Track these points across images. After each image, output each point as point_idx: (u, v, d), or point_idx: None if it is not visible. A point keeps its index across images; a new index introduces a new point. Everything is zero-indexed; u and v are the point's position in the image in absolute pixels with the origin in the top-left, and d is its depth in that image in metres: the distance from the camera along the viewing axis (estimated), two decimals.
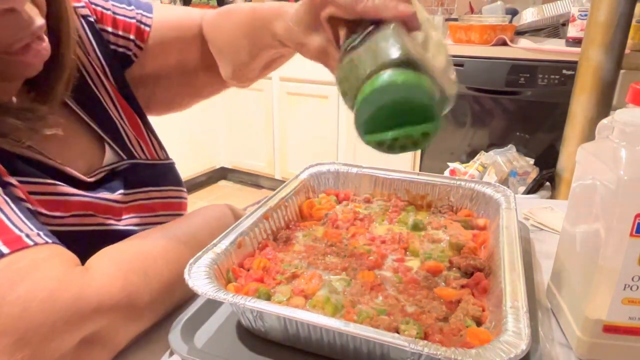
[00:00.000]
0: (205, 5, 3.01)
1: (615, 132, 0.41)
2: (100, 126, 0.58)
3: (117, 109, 0.60)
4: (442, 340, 0.40)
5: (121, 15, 0.61)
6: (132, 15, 0.61)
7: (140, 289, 0.44)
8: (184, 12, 0.66)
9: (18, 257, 0.38)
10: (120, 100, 0.61)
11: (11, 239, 0.39)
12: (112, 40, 0.60)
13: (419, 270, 0.51)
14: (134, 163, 0.60)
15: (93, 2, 0.59)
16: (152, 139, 0.65)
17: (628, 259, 0.39)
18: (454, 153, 2.20)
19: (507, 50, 1.95)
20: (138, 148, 0.62)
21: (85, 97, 0.57)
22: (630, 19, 1.46)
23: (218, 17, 0.62)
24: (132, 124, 0.62)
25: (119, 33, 0.60)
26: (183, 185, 0.68)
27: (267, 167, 2.86)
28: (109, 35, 0.60)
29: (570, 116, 1.62)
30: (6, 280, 0.37)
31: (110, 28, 0.59)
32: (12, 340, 0.35)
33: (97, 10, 0.59)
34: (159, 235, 0.51)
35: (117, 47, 0.60)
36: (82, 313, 0.38)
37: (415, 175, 0.68)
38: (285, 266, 0.51)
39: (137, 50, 0.62)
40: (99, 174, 0.56)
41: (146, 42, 0.62)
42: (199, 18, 0.64)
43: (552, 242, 0.65)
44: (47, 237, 0.42)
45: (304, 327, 0.40)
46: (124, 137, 0.60)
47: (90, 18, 0.58)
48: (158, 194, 0.62)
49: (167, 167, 0.66)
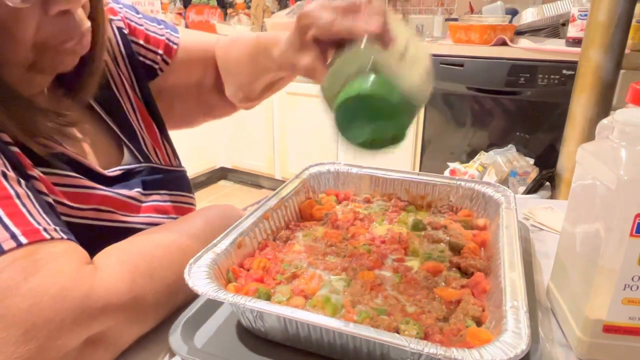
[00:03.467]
0: (206, 6, 3.01)
1: (615, 132, 0.41)
2: (120, 129, 0.61)
3: (136, 115, 0.64)
4: (442, 340, 0.40)
5: (152, 32, 0.66)
6: (162, 33, 0.67)
7: (146, 291, 0.44)
8: (205, 36, 0.74)
9: (35, 249, 0.39)
10: (141, 107, 0.65)
11: (30, 230, 0.40)
12: (142, 52, 0.65)
13: (419, 270, 0.51)
14: (150, 166, 0.63)
15: (128, 17, 0.65)
16: (167, 146, 0.68)
17: (628, 259, 0.39)
18: (454, 153, 2.20)
19: (507, 50, 1.95)
20: (153, 154, 0.65)
21: (108, 101, 0.61)
22: (630, 19, 1.45)
23: (228, 43, 0.70)
24: (149, 131, 0.65)
25: (149, 47, 0.66)
26: (193, 193, 0.70)
27: (267, 167, 2.86)
28: (139, 48, 0.65)
29: (570, 116, 1.62)
30: (22, 271, 0.37)
31: (141, 41, 0.65)
32: (21, 331, 0.36)
33: (130, 25, 0.64)
34: (163, 236, 0.51)
35: (145, 59, 0.66)
36: (89, 312, 0.39)
37: (415, 175, 0.68)
38: (285, 266, 0.51)
39: (163, 65, 0.67)
40: (117, 171, 0.58)
41: (173, 58, 0.68)
42: (215, 43, 0.72)
43: (552, 242, 0.65)
44: (63, 233, 0.43)
45: (304, 327, 0.40)
46: (140, 142, 0.63)
47: (124, 30, 0.63)
48: (170, 197, 0.64)
49: (180, 175, 0.69)
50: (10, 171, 0.42)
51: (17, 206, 0.41)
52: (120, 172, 0.58)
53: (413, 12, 2.78)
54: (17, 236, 0.39)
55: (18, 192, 0.42)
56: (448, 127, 2.19)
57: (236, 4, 3.15)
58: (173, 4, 3.01)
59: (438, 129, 2.22)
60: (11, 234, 0.39)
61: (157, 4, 2.64)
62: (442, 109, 2.18)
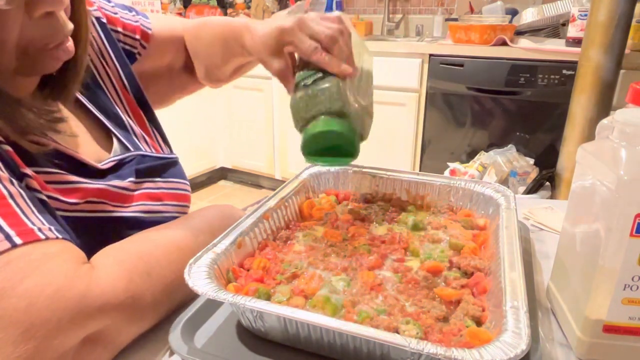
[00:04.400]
0: (205, 5, 3.01)
1: (615, 132, 0.41)
2: (108, 120, 0.61)
3: (123, 105, 0.64)
4: (442, 340, 0.40)
5: (127, 19, 0.68)
6: (135, 20, 0.69)
7: (144, 290, 0.44)
8: (173, 20, 0.77)
9: (30, 250, 0.39)
10: (127, 97, 0.65)
11: (24, 230, 0.40)
12: (122, 39, 0.66)
13: (419, 270, 0.51)
14: (141, 154, 0.62)
15: (103, 7, 0.65)
16: (156, 134, 0.68)
17: (628, 259, 0.39)
18: (454, 153, 2.20)
19: (507, 50, 1.95)
20: (143, 142, 0.65)
21: (94, 93, 0.61)
22: (630, 19, 1.46)
23: (197, 27, 0.73)
24: (137, 120, 0.66)
25: (127, 33, 0.67)
26: (187, 180, 0.70)
27: (267, 167, 2.86)
28: (118, 35, 0.66)
29: (570, 116, 1.62)
30: (18, 271, 0.37)
31: (120, 28, 0.66)
32: (18, 332, 0.36)
33: (107, 14, 0.65)
34: (162, 235, 0.51)
35: (125, 45, 0.67)
36: (87, 312, 0.39)
37: (415, 175, 0.68)
38: (285, 266, 0.51)
39: (141, 49, 0.69)
40: (109, 163, 0.58)
41: (149, 42, 0.70)
42: (182, 26, 0.75)
43: (552, 242, 0.65)
44: (58, 233, 0.43)
45: (304, 327, 0.40)
46: (130, 131, 0.63)
47: (103, 19, 0.64)
48: (164, 184, 0.64)
49: (172, 161, 0.68)
50: (2, 171, 0.42)
51: (11, 206, 0.40)
52: (113, 163, 0.58)
53: (413, 12, 2.78)
54: (12, 237, 0.38)
55: (11, 191, 0.41)
56: (448, 127, 2.19)
57: (236, 4, 3.15)
58: (173, 4, 3.01)
59: (438, 129, 2.22)
60: (5, 234, 0.38)
61: (157, 4, 2.64)
62: (442, 109, 2.18)
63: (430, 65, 2.14)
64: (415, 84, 2.19)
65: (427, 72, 2.15)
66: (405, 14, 2.79)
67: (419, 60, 2.15)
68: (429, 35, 2.63)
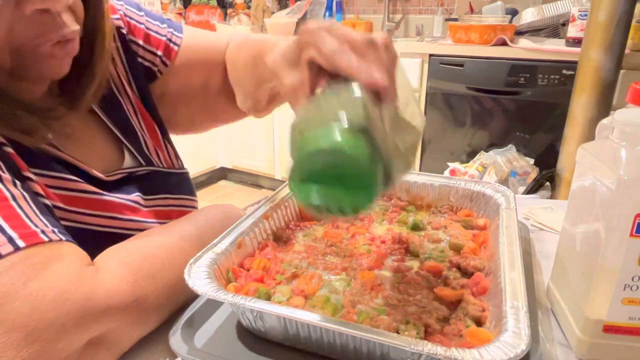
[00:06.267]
0: (206, 6, 3.01)
1: (615, 132, 0.41)
2: (121, 131, 0.60)
3: (137, 117, 0.62)
4: (442, 340, 0.40)
5: (153, 32, 0.63)
6: (163, 33, 0.64)
7: (148, 292, 0.44)
8: (214, 37, 0.68)
9: (33, 252, 0.39)
10: (142, 109, 0.63)
11: (27, 233, 0.39)
12: (140, 53, 0.62)
13: (419, 270, 0.51)
14: (151, 170, 0.62)
15: (128, 15, 0.61)
16: (168, 148, 0.67)
17: (628, 259, 0.39)
18: (454, 153, 2.20)
19: (507, 50, 1.95)
20: (155, 156, 0.64)
21: (108, 103, 0.59)
22: (630, 19, 1.46)
23: (239, 46, 0.64)
24: (150, 133, 0.64)
25: (147, 47, 0.62)
26: (196, 195, 0.70)
27: (267, 167, 2.86)
28: (138, 48, 0.62)
29: (570, 116, 1.62)
30: (21, 275, 0.37)
31: (140, 41, 0.62)
32: (22, 335, 0.35)
33: (130, 23, 0.61)
34: (165, 236, 0.51)
35: (144, 60, 0.63)
36: (91, 315, 0.39)
37: (415, 175, 0.68)
38: (285, 266, 0.51)
39: (162, 67, 0.64)
40: (116, 175, 0.57)
41: (173, 60, 0.64)
42: (226, 44, 0.66)
43: (552, 242, 0.65)
44: (62, 235, 0.42)
45: (304, 327, 0.40)
46: (142, 144, 0.62)
47: (123, 30, 0.60)
48: (174, 201, 0.63)
49: (183, 177, 0.68)
50: (5, 173, 0.42)
51: (13, 208, 0.40)
52: (120, 175, 0.57)
53: (413, 12, 2.78)
54: (15, 240, 0.38)
55: (14, 193, 0.41)
56: (448, 127, 2.19)
57: (236, 4, 3.15)
58: (173, 4, 3.01)
59: (438, 129, 2.22)
60: (8, 237, 0.38)
61: (157, 4, 2.64)
62: (442, 109, 2.18)
63: (430, 65, 2.14)
64: (415, 83, 2.19)
65: (427, 72, 2.16)
66: (405, 14, 2.79)
67: (419, 60, 2.15)
68: (429, 35, 2.63)
